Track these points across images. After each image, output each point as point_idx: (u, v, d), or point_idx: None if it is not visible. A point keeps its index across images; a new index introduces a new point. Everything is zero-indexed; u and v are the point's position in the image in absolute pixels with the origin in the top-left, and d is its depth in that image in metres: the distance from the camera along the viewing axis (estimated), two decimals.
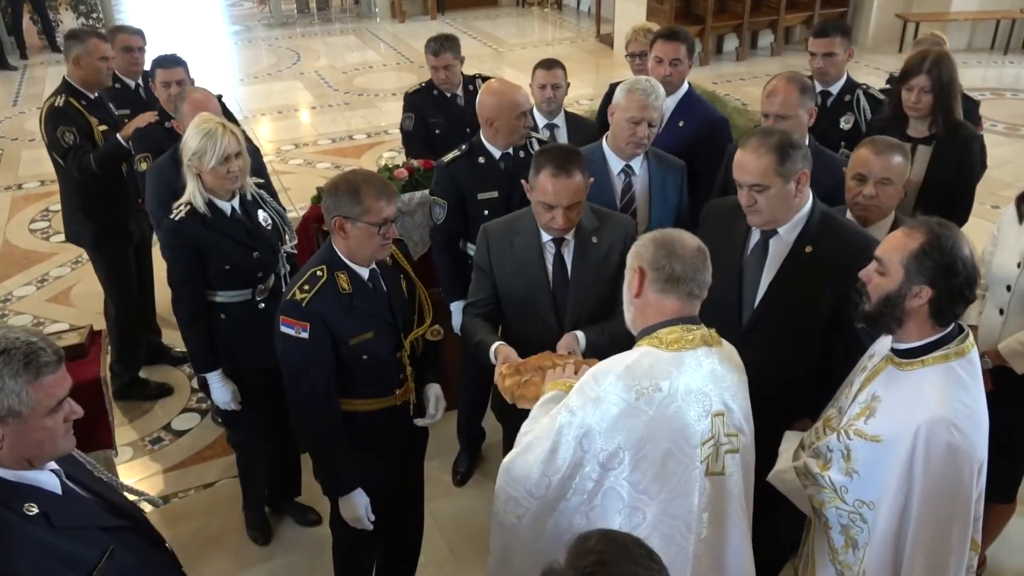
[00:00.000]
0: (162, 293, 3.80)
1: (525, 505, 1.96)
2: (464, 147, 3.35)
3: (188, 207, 2.89)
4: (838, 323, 2.48)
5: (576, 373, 2.17)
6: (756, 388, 2.50)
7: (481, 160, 3.30)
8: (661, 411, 1.85)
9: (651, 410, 1.84)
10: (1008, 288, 2.81)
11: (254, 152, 3.47)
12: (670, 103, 3.75)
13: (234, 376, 3.10)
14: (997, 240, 2.93)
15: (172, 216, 2.92)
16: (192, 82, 3.98)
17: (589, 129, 3.90)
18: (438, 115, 4.39)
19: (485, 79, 4.58)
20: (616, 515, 1.90)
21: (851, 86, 3.87)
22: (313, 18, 13.53)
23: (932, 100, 3.29)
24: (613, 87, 4.58)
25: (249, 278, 3.05)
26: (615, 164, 3.16)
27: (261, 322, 2.98)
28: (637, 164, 3.16)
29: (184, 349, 3.72)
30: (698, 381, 1.89)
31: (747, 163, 2.42)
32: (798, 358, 2.53)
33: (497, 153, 3.29)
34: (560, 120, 3.93)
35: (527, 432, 2.04)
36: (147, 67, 4.35)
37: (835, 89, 3.86)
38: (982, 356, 2.76)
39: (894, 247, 1.96)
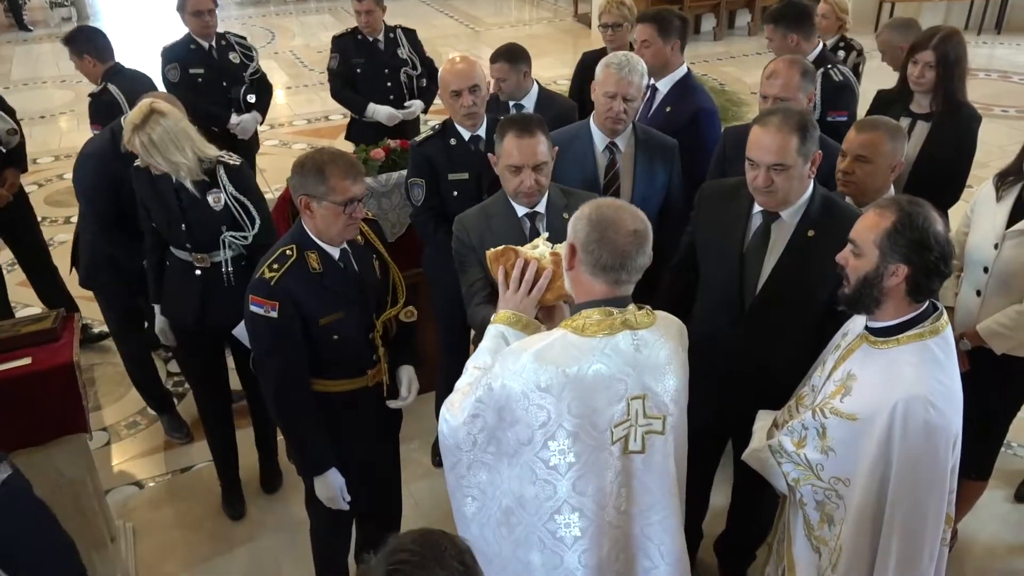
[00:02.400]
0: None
1: (457, 455, 2.04)
2: (437, 127, 3.33)
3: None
4: (833, 307, 2.42)
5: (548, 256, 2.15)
6: (755, 372, 2.53)
7: (452, 141, 3.28)
8: (568, 395, 1.86)
9: (557, 394, 1.86)
10: (985, 270, 2.82)
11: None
12: (662, 87, 3.74)
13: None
14: (971, 220, 2.94)
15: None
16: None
17: (558, 106, 3.88)
18: (360, 57, 4.94)
19: (405, 30, 5.03)
20: (530, 486, 1.97)
21: (821, 60, 3.86)
22: None
23: (936, 76, 3.29)
24: (586, 56, 4.64)
25: (178, 243, 3.15)
26: (600, 141, 3.15)
27: (197, 284, 3.16)
28: (622, 141, 3.15)
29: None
30: (612, 367, 1.88)
31: (768, 142, 2.35)
32: (800, 342, 2.49)
33: (467, 135, 3.28)
34: (528, 100, 3.89)
35: (470, 370, 2.08)
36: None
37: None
38: (960, 337, 2.80)
39: (867, 228, 1.97)
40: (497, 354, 1.99)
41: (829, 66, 3.80)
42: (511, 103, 3.89)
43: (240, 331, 3.23)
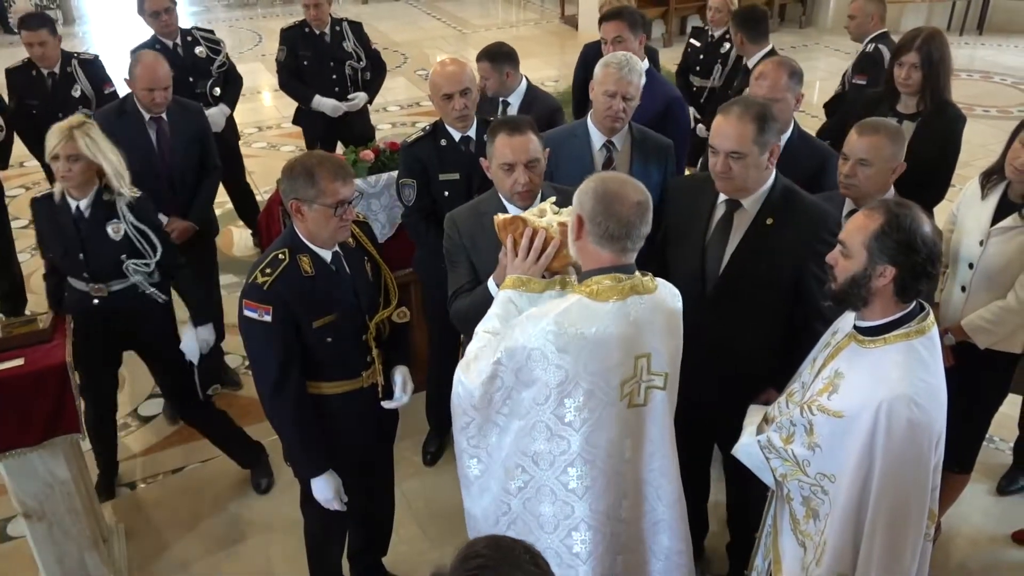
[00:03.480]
0: None
1: (470, 416, 2.18)
2: (427, 127, 3.35)
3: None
4: (798, 294, 2.55)
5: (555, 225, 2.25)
6: (720, 358, 2.59)
7: (443, 142, 3.31)
8: (585, 355, 2.01)
9: (576, 354, 2.00)
10: (971, 266, 2.87)
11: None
12: None
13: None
14: (957, 218, 2.99)
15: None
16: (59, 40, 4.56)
17: (540, 104, 3.97)
18: (307, 49, 5.15)
19: (352, 24, 5.21)
20: (544, 443, 2.12)
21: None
22: None
23: (921, 77, 3.38)
24: (588, 47, 4.76)
25: (75, 272, 3.24)
26: (597, 140, 3.19)
27: (98, 316, 3.24)
28: (619, 140, 3.19)
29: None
30: (623, 328, 2.03)
31: (727, 130, 2.47)
32: (761, 328, 2.61)
33: (457, 135, 3.30)
34: (514, 98, 3.97)
35: (480, 335, 2.19)
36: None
37: (751, 63, 4.37)
38: (945, 332, 2.85)
39: (855, 229, 2.01)
40: (508, 319, 2.15)
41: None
42: (500, 99, 3.97)
43: (187, 346, 3.36)
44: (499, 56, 3.87)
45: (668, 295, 2.16)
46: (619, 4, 4.61)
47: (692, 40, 5.55)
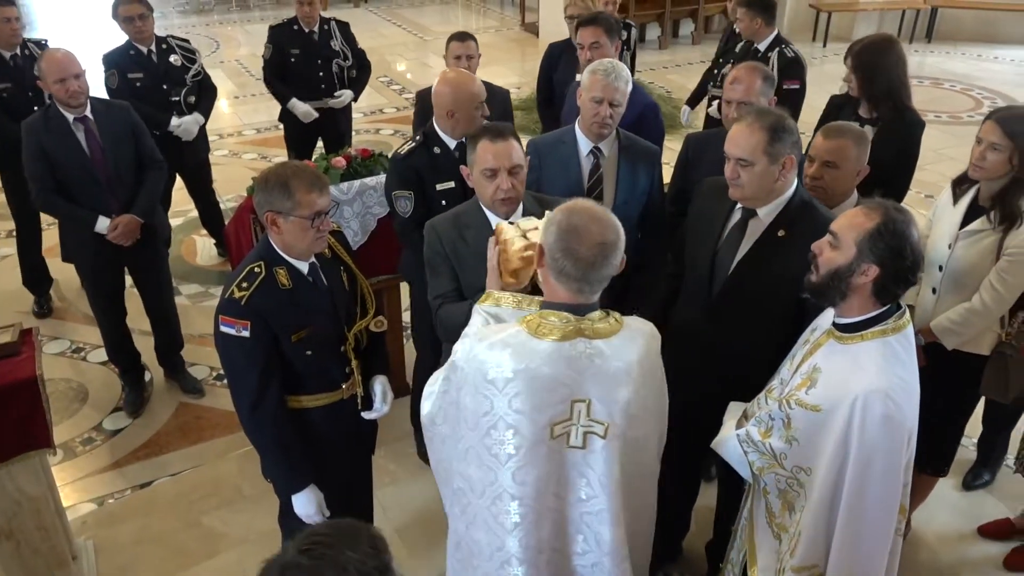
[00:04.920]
0: None
1: (432, 430, 2.18)
2: (419, 137, 3.30)
3: None
4: (803, 309, 2.48)
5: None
6: (719, 361, 2.61)
7: (436, 150, 3.26)
8: (510, 391, 1.93)
9: (500, 388, 1.93)
10: (940, 268, 2.94)
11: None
12: None
13: None
14: (932, 224, 3.06)
15: None
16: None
17: (502, 99, 4.11)
18: (295, 47, 5.30)
19: (339, 23, 5.35)
20: (476, 469, 2.05)
21: (777, 42, 4.71)
22: (231, 5, 13.19)
23: (859, 82, 3.49)
24: (552, 46, 5.02)
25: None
26: (584, 146, 3.20)
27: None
28: (606, 146, 3.20)
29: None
30: (557, 371, 1.92)
31: (738, 137, 2.46)
32: (762, 338, 2.57)
33: (452, 143, 3.28)
34: None
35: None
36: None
37: (761, 46, 4.74)
38: (916, 334, 2.92)
39: (850, 225, 2.04)
40: (468, 339, 2.07)
41: (782, 45, 4.65)
42: None
43: None
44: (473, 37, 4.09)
45: (634, 342, 2.01)
46: (585, 6, 4.66)
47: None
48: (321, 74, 5.33)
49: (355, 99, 5.55)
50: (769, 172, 2.46)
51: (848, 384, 2.01)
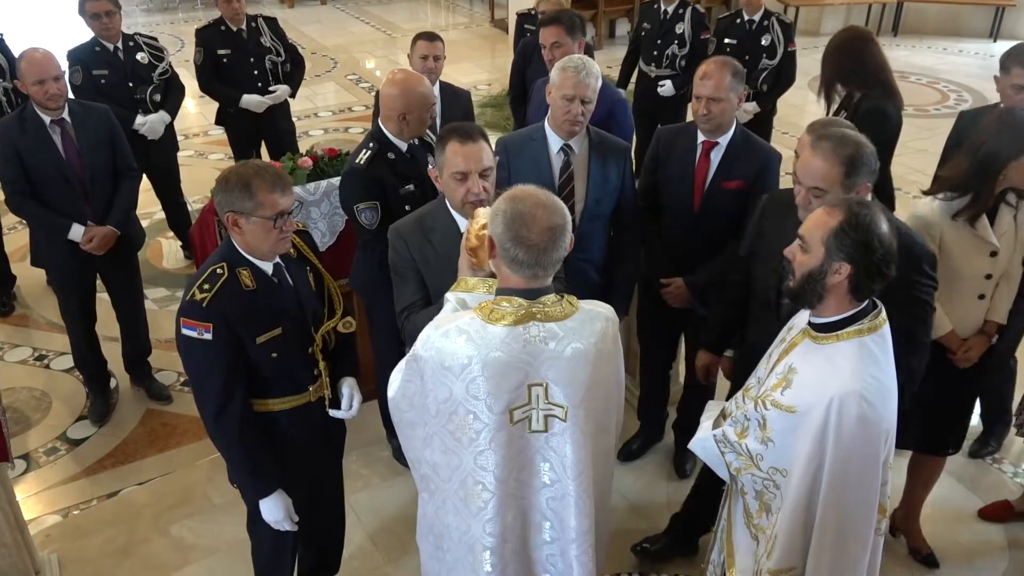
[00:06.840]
0: None
1: (399, 415, 2.17)
2: (372, 145, 3.20)
3: None
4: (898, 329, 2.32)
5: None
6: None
7: (391, 156, 3.20)
8: (467, 377, 1.94)
9: (458, 374, 1.94)
10: (988, 276, 2.92)
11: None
12: None
13: None
14: (949, 248, 2.98)
15: None
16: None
17: (464, 100, 4.15)
18: (225, 47, 5.16)
19: (267, 19, 5.26)
20: (441, 454, 2.07)
21: (767, 14, 5.52)
22: (196, 3, 12.98)
23: (822, 74, 3.74)
24: (525, 42, 5.08)
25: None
26: (555, 143, 3.16)
27: None
28: (577, 143, 3.16)
29: None
30: (511, 356, 1.93)
31: (815, 168, 2.37)
32: None
33: (403, 146, 3.22)
34: (436, 91, 3.91)
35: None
36: None
37: (756, 17, 5.55)
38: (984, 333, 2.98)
39: (816, 225, 2.03)
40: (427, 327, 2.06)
41: (774, 14, 5.53)
42: None
43: None
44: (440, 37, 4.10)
45: (591, 324, 2.01)
46: (555, 6, 4.65)
47: (644, 24, 5.82)
48: (256, 72, 5.20)
49: (292, 95, 5.42)
50: None
51: (823, 386, 2.00)
